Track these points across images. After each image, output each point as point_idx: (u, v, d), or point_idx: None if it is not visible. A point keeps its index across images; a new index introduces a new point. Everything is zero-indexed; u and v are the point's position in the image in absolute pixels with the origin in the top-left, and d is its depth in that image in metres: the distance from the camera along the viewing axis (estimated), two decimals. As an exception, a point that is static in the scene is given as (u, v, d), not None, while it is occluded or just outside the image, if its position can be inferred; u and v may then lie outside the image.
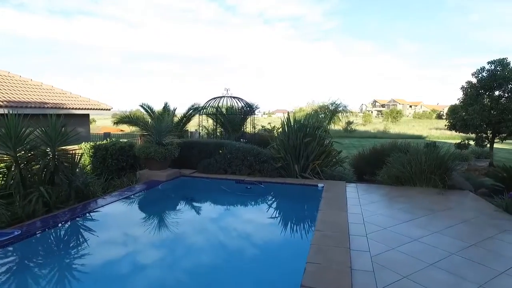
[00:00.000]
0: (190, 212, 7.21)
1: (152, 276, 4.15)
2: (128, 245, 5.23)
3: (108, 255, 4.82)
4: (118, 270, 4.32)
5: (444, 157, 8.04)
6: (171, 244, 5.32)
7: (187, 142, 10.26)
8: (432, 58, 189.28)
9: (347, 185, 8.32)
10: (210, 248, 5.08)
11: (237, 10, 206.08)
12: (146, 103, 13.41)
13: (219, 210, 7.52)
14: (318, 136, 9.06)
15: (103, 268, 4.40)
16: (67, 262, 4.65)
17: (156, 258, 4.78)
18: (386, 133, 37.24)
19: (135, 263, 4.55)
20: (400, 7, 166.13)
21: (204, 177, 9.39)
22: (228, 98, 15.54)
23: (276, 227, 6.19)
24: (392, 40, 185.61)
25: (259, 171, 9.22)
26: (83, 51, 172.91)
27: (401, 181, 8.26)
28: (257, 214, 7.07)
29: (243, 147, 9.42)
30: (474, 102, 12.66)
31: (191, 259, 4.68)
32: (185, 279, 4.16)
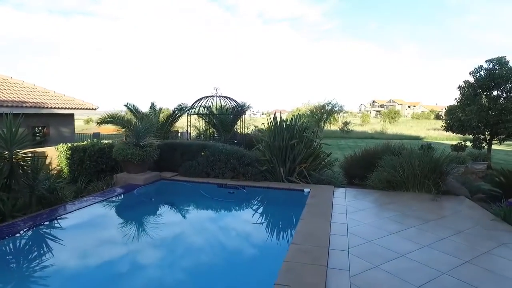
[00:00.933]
0: (163, 221, 6.66)
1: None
2: (89, 257, 4.72)
3: (64, 266, 4.31)
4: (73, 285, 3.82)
5: (438, 161, 7.53)
6: (136, 256, 4.80)
7: (169, 144, 9.74)
8: (432, 58, 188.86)
9: (336, 190, 7.81)
10: (172, 263, 4.57)
11: (236, 10, 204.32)
12: (131, 103, 12.90)
13: (194, 218, 6.94)
14: (305, 138, 8.53)
15: (56, 281, 3.89)
16: (16, 275, 4.13)
17: (118, 270, 4.26)
18: (384, 133, 36.76)
19: (93, 277, 4.03)
20: (399, 8, 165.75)
21: (185, 181, 8.87)
22: (218, 97, 15.03)
23: (251, 239, 5.64)
24: (392, 41, 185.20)
25: (243, 174, 8.71)
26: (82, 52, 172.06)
27: (393, 186, 7.74)
28: (234, 224, 6.53)
29: (226, 149, 8.90)
30: (472, 102, 12.16)
31: (157, 274, 4.17)
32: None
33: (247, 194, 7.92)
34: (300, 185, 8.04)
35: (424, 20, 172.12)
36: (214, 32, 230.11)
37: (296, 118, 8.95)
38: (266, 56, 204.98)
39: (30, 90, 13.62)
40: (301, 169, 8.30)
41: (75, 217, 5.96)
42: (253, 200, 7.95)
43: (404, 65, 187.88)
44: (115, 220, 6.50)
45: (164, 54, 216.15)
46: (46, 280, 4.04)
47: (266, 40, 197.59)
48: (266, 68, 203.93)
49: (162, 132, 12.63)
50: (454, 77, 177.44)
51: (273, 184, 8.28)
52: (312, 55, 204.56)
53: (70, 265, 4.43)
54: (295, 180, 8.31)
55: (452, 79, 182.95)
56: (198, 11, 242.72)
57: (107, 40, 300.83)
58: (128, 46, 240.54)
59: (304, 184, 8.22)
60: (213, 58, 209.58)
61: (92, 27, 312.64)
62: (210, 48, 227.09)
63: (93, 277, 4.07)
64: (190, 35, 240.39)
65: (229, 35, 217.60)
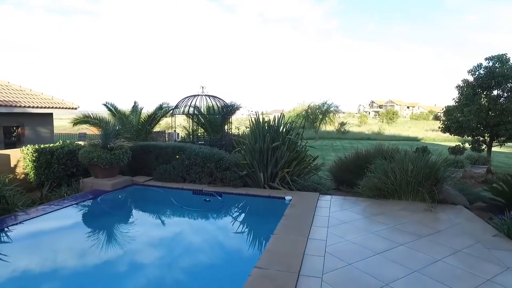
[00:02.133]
0: (120, 235, 5.90)
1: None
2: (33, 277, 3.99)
3: None
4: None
5: (434, 166, 6.80)
6: (84, 275, 4.07)
7: (143, 146, 8.99)
8: (431, 59, 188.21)
9: (320, 197, 7.08)
10: None
11: (236, 10, 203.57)
12: (111, 102, 12.16)
13: (156, 233, 6.03)
14: (288, 140, 7.79)
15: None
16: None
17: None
18: (381, 134, 36.06)
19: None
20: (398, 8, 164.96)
21: (159, 186, 8.14)
22: (204, 97, 14.29)
23: (213, 260, 4.83)
24: (391, 41, 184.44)
25: (221, 179, 7.97)
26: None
27: (384, 194, 7.01)
28: (199, 240, 5.69)
29: (203, 152, 8.16)
30: (471, 102, 11.44)
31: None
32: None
33: (223, 203, 7.19)
34: (282, 192, 7.31)
35: (423, 21, 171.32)
36: (212, 32, 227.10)
37: (279, 118, 8.21)
38: (265, 56, 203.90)
39: (2, 88, 12.85)
40: (283, 175, 7.57)
41: (17, 231, 5.21)
42: (228, 209, 7.20)
43: (403, 65, 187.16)
44: (63, 235, 5.69)
45: (157, 53, 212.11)
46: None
47: (265, 40, 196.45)
48: (266, 68, 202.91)
49: (143, 133, 11.87)
50: (452, 77, 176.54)
51: (253, 190, 7.54)
52: (312, 55, 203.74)
53: None
54: (277, 186, 7.58)
55: (451, 79, 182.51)
56: (194, 10, 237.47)
57: (92, 37, 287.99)
58: (116, 44, 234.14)
59: (286, 190, 7.49)
60: (210, 58, 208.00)
61: (76, 24, 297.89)
62: (208, 48, 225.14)
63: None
64: (186, 35, 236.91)
65: (228, 35, 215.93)
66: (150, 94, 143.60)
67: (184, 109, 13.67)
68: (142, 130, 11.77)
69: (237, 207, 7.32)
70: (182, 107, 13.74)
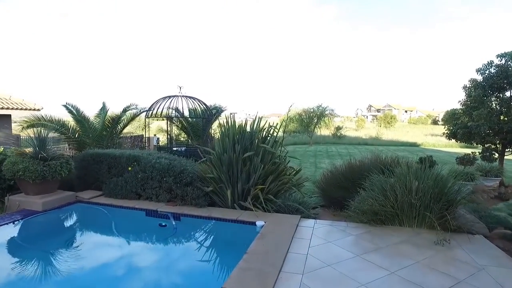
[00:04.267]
0: (31, 279, 4.36)
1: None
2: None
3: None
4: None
5: (445, 184, 5.33)
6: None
7: (94, 154, 7.48)
8: (429, 62, 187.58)
9: (302, 222, 5.60)
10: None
11: (230, 13, 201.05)
12: (72, 103, 10.61)
13: (76, 278, 4.45)
14: (262, 149, 6.31)
15: None
16: None
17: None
18: (378, 139, 34.67)
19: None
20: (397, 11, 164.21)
21: (107, 205, 6.66)
22: (181, 98, 12.82)
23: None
24: (390, 44, 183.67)
25: (181, 197, 6.48)
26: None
27: (381, 219, 5.54)
28: None
29: (160, 164, 6.67)
30: (480, 105, 10.01)
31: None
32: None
33: (176, 230, 5.69)
34: (254, 215, 5.82)
35: (422, 24, 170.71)
36: (210, 32, 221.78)
37: (255, 122, 6.73)
38: (264, 58, 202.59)
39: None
40: (256, 192, 6.08)
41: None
42: (181, 240, 5.65)
43: (401, 69, 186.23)
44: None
45: (142, 51, 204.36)
46: None
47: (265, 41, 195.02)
48: (265, 70, 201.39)
49: (106, 138, 10.37)
50: (451, 81, 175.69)
51: (218, 212, 6.05)
52: (311, 58, 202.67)
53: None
54: (249, 206, 6.08)
55: (449, 83, 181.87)
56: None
57: (63, 34, 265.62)
58: (95, 43, 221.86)
59: (260, 212, 6.00)
60: (210, 58, 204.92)
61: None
62: (208, 48, 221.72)
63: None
64: (180, 29, 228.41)
65: (224, 32, 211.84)
66: (132, 95, 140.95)
67: (157, 111, 12.20)
68: (106, 135, 10.25)
69: (193, 237, 5.81)
70: (155, 109, 12.28)
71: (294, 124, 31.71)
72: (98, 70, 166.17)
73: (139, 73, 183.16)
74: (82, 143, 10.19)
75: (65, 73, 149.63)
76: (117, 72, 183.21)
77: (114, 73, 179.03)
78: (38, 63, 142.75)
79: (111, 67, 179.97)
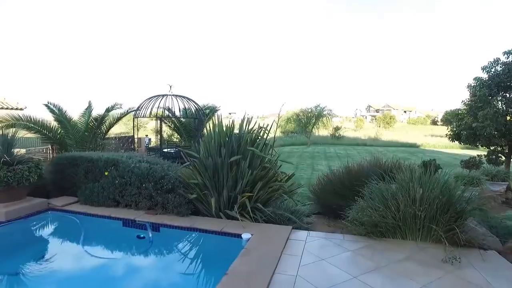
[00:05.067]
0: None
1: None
2: None
3: None
4: None
5: (453, 193, 4.77)
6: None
7: (71, 158, 6.91)
8: (428, 63, 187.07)
9: (293, 235, 5.03)
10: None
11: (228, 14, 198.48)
12: (54, 102, 10.02)
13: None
14: (251, 154, 5.73)
15: None
16: None
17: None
18: (378, 140, 34.11)
19: None
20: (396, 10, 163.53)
21: (81, 213, 6.10)
22: (171, 97, 12.27)
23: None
24: (389, 45, 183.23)
25: (163, 205, 5.90)
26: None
27: (381, 231, 4.96)
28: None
29: (139, 169, 6.09)
30: (486, 105, 9.45)
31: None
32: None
33: (152, 243, 5.11)
34: (240, 226, 5.24)
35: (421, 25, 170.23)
36: (209, 32, 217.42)
37: (244, 123, 6.14)
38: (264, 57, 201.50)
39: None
40: (243, 201, 5.50)
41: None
42: (158, 255, 5.06)
43: (400, 69, 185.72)
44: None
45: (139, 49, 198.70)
46: None
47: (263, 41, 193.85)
48: (264, 69, 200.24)
49: (89, 139, 9.78)
50: (449, 82, 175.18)
51: (201, 222, 5.47)
52: (310, 57, 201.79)
53: None
54: (236, 215, 5.50)
55: (448, 84, 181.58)
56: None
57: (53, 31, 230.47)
58: (85, 39, 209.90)
59: (248, 222, 5.42)
60: (209, 60, 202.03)
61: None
62: (208, 49, 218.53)
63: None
64: (182, 28, 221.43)
65: (223, 32, 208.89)
66: (125, 95, 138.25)
67: (146, 111, 11.64)
68: (88, 135, 9.66)
69: (171, 252, 5.22)
70: (144, 109, 11.72)
71: (291, 125, 31.16)
72: (90, 69, 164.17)
73: (132, 72, 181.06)
74: (64, 144, 9.61)
75: (56, 72, 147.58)
76: (111, 72, 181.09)
77: (107, 72, 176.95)
78: (26, 61, 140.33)
79: (103, 66, 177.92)
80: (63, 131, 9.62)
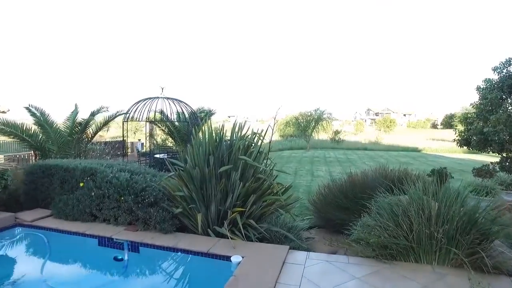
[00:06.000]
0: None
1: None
2: None
3: None
4: None
5: (475, 211, 4.12)
6: None
7: (44, 166, 6.25)
8: (427, 67, 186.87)
9: (290, 256, 4.37)
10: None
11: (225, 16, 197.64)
12: (35, 105, 9.39)
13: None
14: (244, 163, 5.08)
15: None
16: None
17: None
18: (378, 144, 33.49)
19: None
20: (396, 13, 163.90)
21: (52, 229, 5.43)
22: (163, 100, 11.65)
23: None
24: (386, 49, 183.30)
25: (144, 220, 5.24)
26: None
27: (392, 253, 4.31)
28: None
29: (118, 179, 5.43)
30: (498, 108, 8.83)
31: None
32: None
33: (126, 268, 4.46)
34: (230, 246, 4.58)
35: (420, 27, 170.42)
36: (207, 33, 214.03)
37: (236, 129, 5.49)
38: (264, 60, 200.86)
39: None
40: (234, 216, 4.84)
41: None
42: (131, 284, 4.40)
43: (399, 73, 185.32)
44: None
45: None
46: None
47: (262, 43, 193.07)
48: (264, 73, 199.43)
49: (74, 144, 9.13)
50: (448, 86, 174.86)
51: (185, 241, 4.81)
52: (309, 62, 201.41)
53: None
54: (226, 232, 4.84)
55: (447, 88, 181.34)
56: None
57: None
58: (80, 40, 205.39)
59: (239, 241, 4.76)
60: (209, 61, 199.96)
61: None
62: (206, 50, 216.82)
63: None
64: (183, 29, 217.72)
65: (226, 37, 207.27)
66: (119, 100, 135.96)
67: (135, 114, 11.00)
68: (71, 141, 9.00)
69: (147, 279, 4.55)
70: (133, 112, 11.08)
71: (291, 128, 30.54)
72: (83, 71, 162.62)
73: (128, 75, 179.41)
74: (46, 150, 8.96)
75: (46, 75, 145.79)
76: (106, 75, 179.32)
77: (101, 75, 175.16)
78: (15, 63, 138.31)
79: (97, 67, 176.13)
80: (44, 136, 8.97)
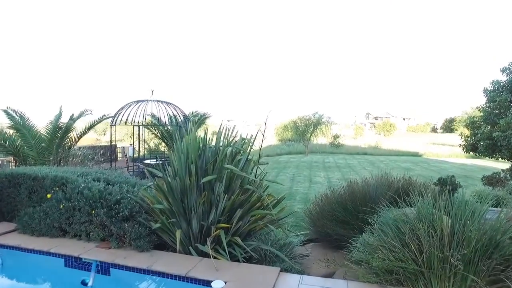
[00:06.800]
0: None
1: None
2: None
3: None
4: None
5: (496, 231, 3.54)
6: None
7: (11, 175, 5.67)
8: (426, 70, 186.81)
9: (281, 281, 3.78)
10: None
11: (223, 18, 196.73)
12: (14, 108, 8.83)
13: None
14: (229, 173, 4.50)
15: None
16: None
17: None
18: (378, 148, 32.93)
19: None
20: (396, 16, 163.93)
21: (13, 247, 4.83)
22: (152, 102, 11.10)
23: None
24: (385, 53, 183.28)
25: (119, 236, 4.66)
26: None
27: (398, 279, 3.73)
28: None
29: (90, 190, 4.85)
30: (507, 111, 8.29)
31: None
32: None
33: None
34: (213, 268, 3.99)
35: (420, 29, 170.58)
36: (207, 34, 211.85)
37: (221, 134, 4.92)
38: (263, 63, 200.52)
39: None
40: (218, 233, 4.25)
41: None
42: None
43: (398, 77, 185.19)
44: None
45: None
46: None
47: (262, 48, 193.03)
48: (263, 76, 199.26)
49: (55, 150, 8.55)
50: (448, 89, 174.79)
51: (163, 262, 4.22)
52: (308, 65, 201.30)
53: None
54: (209, 251, 4.25)
55: (446, 92, 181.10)
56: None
57: None
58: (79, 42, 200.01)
59: (224, 262, 4.17)
60: (208, 62, 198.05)
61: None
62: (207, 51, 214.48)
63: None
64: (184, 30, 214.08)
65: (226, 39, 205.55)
66: (112, 103, 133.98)
67: (123, 117, 10.44)
68: (51, 146, 8.42)
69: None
70: (121, 115, 10.52)
71: (289, 132, 30.00)
72: (73, 73, 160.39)
73: (125, 79, 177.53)
74: (23, 156, 8.39)
75: (37, 77, 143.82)
76: (99, 77, 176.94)
77: (93, 77, 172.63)
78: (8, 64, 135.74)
79: (89, 69, 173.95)
80: (22, 140, 8.40)
